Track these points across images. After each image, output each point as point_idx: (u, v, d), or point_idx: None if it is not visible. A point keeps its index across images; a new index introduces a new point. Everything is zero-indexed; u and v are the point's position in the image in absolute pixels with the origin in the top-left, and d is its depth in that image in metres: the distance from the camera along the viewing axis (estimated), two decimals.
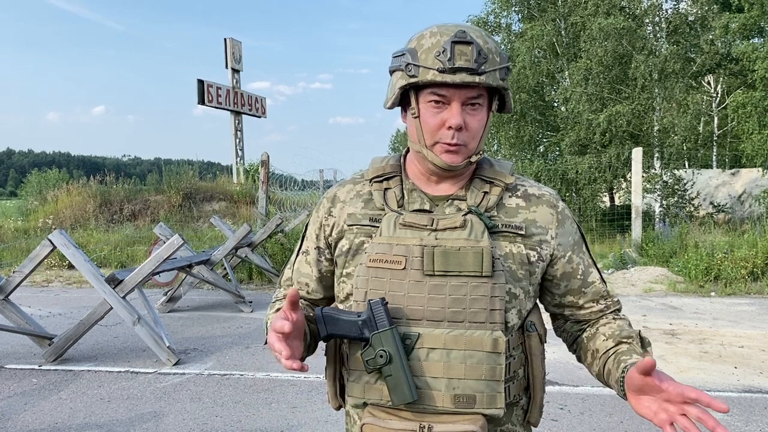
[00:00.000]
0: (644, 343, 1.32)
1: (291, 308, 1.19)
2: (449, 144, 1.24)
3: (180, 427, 3.99)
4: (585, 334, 1.41)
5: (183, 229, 13.35)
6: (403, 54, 1.26)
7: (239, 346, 6.00)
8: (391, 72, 1.30)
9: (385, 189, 1.35)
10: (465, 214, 1.27)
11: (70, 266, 10.38)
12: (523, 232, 1.29)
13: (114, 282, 5.39)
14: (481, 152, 1.29)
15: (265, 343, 1.24)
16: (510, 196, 1.33)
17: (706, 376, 4.90)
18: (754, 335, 6.20)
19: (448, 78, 1.19)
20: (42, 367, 5.32)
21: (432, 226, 1.26)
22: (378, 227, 1.30)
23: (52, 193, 16.61)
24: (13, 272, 5.56)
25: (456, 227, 1.25)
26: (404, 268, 1.23)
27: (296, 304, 1.19)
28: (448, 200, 1.31)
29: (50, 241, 5.37)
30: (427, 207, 1.31)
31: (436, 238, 1.24)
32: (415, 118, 1.27)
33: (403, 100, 1.31)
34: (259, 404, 4.37)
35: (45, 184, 20.23)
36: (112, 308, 5.40)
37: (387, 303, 1.22)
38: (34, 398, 4.56)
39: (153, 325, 5.54)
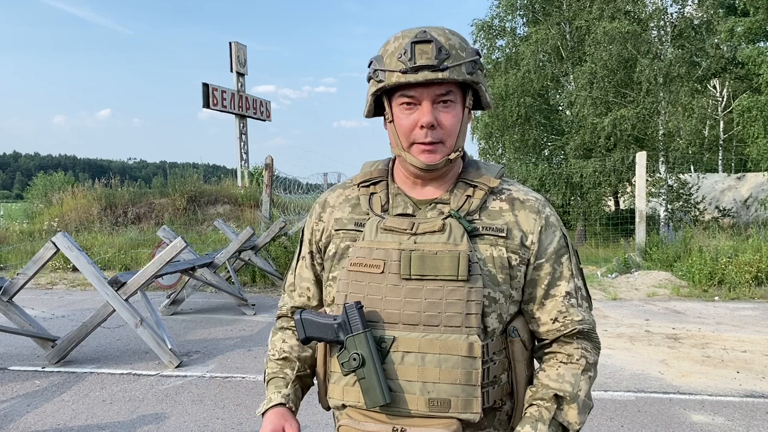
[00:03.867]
0: (562, 402, 1.27)
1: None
2: (424, 143, 1.25)
3: (181, 429, 4.00)
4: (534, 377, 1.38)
5: (187, 232, 13.38)
6: (372, 62, 1.29)
7: (241, 349, 6.01)
8: (368, 81, 1.32)
9: (371, 193, 1.37)
10: (444, 218, 1.27)
11: (75, 269, 10.41)
12: (504, 235, 1.29)
13: (117, 284, 5.41)
14: (460, 149, 1.30)
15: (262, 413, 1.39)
16: (494, 200, 1.33)
17: (708, 381, 4.89)
18: (757, 340, 6.17)
19: (411, 78, 1.21)
20: (45, 369, 5.35)
21: (412, 230, 1.27)
22: (362, 231, 1.31)
23: (58, 195, 16.67)
24: (17, 274, 5.59)
25: (435, 231, 1.25)
26: (382, 272, 1.24)
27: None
28: (431, 204, 1.32)
29: (53, 243, 5.40)
30: (410, 211, 1.31)
31: (415, 242, 1.25)
32: (390, 122, 1.29)
33: (381, 107, 1.33)
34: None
35: (50, 187, 20.24)
36: (114, 311, 5.42)
37: (362, 307, 1.23)
38: (36, 400, 4.58)
39: (155, 328, 5.56)
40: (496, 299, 1.27)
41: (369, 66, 1.30)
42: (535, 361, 1.42)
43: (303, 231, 1.49)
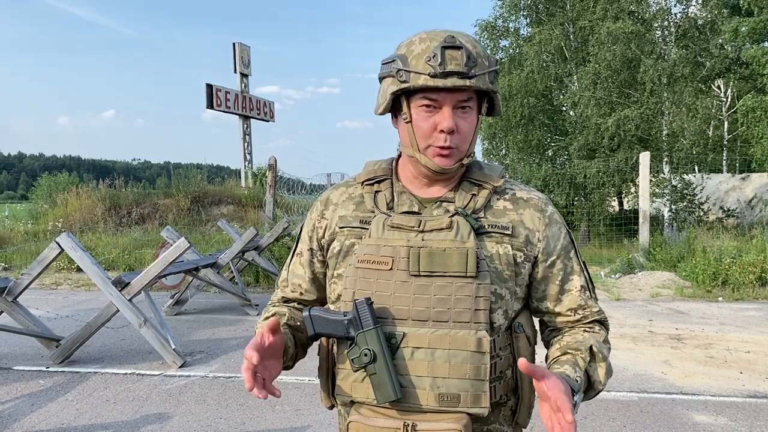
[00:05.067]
0: (595, 357, 1.31)
1: (270, 332, 1.24)
2: (442, 147, 1.26)
3: (185, 428, 4.01)
4: (552, 344, 1.41)
5: (191, 233, 13.40)
6: (393, 60, 1.28)
7: (244, 349, 6.02)
8: (381, 79, 1.33)
9: (376, 192, 1.38)
10: (452, 216, 1.29)
11: (79, 269, 10.43)
12: (509, 233, 1.31)
13: (120, 285, 5.43)
14: (471, 154, 1.32)
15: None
16: (498, 199, 1.35)
17: (711, 381, 4.88)
18: (761, 340, 6.16)
19: (440, 82, 1.22)
20: (49, 369, 5.37)
21: (419, 227, 1.28)
22: (368, 229, 1.32)
23: (62, 196, 16.68)
24: (22, 274, 5.61)
25: (443, 228, 1.27)
26: (391, 269, 1.26)
27: (276, 329, 1.24)
28: (436, 202, 1.34)
29: (58, 243, 5.42)
30: (415, 209, 1.33)
31: (423, 239, 1.27)
32: (407, 123, 1.29)
33: (394, 105, 1.33)
34: (263, 406, 4.39)
35: (55, 188, 20.24)
36: (118, 311, 5.44)
37: (372, 303, 1.25)
38: (41, 399, 4.60)
39: (159, 328, 5.58)
40: (502, 296, 1.30)
41: (387, 63, 1.30)
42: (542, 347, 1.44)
43: (301, 229, 1.50)
